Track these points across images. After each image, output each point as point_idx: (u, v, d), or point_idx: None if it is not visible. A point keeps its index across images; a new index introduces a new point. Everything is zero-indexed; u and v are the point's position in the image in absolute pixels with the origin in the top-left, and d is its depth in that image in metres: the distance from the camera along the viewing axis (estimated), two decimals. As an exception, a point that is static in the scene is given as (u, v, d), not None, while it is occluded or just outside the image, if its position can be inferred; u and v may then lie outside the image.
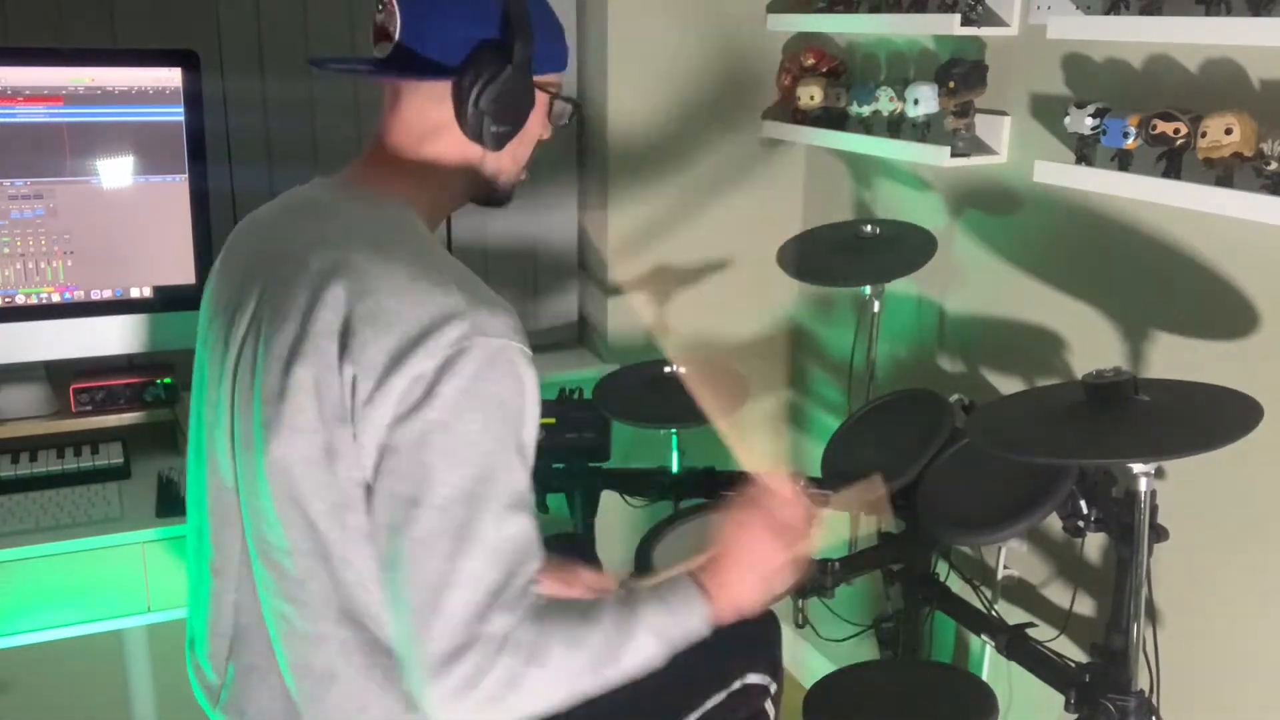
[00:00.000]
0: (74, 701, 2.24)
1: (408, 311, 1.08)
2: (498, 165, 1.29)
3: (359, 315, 1.09)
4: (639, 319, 2.55)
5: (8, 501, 1.79)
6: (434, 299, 1.09)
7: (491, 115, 1.21)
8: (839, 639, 2.29)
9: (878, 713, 1.82)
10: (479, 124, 1.21)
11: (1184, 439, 1.37)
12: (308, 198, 1.28)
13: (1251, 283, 1.65)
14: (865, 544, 2.03)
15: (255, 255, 1.26)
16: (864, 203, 2.45)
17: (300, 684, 1.19)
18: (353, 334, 1.09)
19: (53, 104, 1.82)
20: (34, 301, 1.88)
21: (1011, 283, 2.06)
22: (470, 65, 1.19)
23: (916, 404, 2.02)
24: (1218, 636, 1.77)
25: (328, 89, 2.26)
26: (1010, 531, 1.64)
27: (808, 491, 1.29)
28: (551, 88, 1.29)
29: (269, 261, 1.22)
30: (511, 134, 1.25)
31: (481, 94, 1.19)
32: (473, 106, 1.20)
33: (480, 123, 1.21)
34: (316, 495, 1.12)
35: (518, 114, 1.24)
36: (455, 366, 1.06)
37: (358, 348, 1.08)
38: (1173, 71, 1.70)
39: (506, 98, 1.21)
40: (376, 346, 1.07)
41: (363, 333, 1.08)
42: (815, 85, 2.31)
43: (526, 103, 1.25)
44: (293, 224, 1.25)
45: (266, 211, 1.33)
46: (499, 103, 1.21)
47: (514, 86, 1.21)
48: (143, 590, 1.78)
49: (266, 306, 1.18)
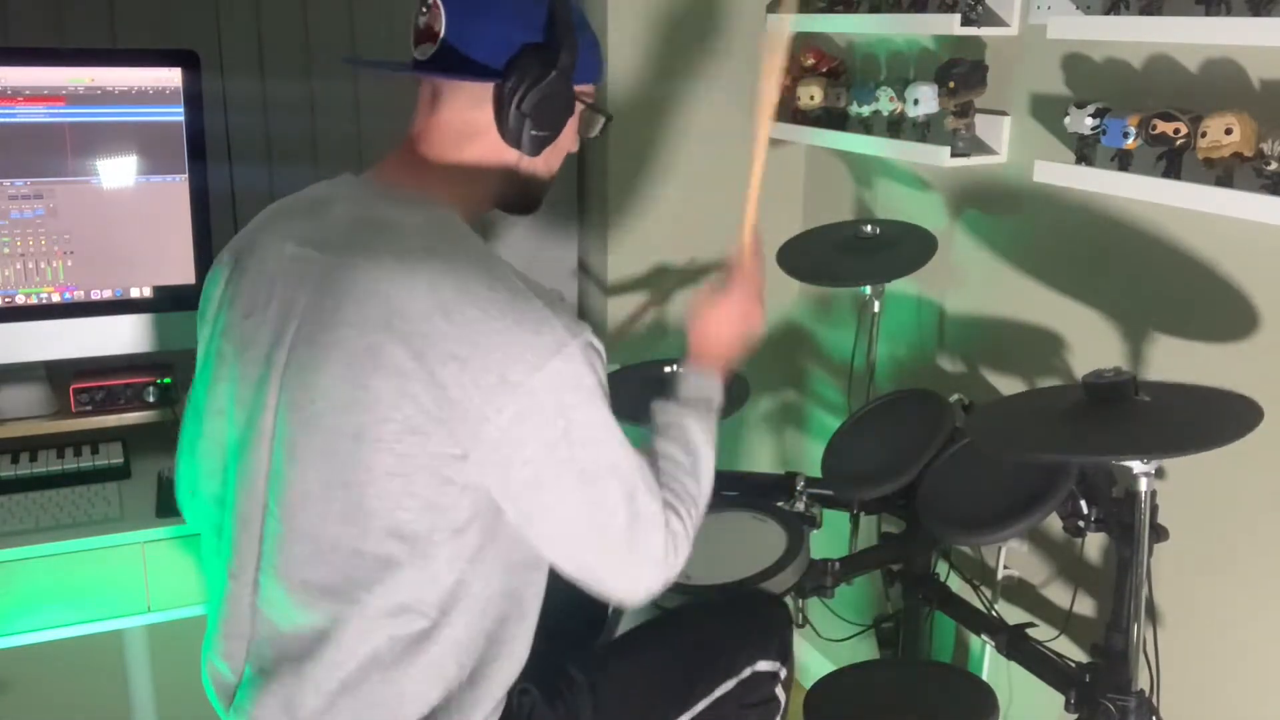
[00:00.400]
0: (74, 701, 2.23)
1: (496, 321, 1.11)
2: (532, 170, 1.30)
3: (443, 328, 1.11)
4: (639, 319, 2.55)
5: (8, 501, 1.80)
6: (518, 306, 1.13)
7: (533, 119, 1.22)
8: (839, 639, 2.29)
9: (878, 713, 1.82)
10: (519, 128, 1.22)
11: (1184, 439, 1.37)
12: (350, 199, 1.27)
13: (1251, 283, 1.65)
14: (865, 544, 2.04)
15: (298, 257, 1.23)
16: (864, 203, 2.45)
17: (330, 681, 1.19)
18: (434, 345, 1.11)
19: (53, 104, 1.82)
20: (34, 301, 1.88)
21: (1011, 283, 2.06)
22: (514, 68, 1.20)
23: (916, 404, 2.02)
24: (1218, 636, 1.77)
25: (328, 89, 2.26)
26: (1010, 531, 1.64)
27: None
28: (587, 97, 1.30)
29: (317, 266, 1.20)
30: (550, 140, 1.26)
31: (525, 97, 1.20)
32: (514, 110, 1.21)
33: (521, 127, 1.22)
34: (402, 505, 1.14)
35: (557, 120, 1.25)
36: (556, 368, 1.12)
37: (447, 359, 1.10)
38: (1173, 71, 1.70)
39: (548, 103, 1.22)
40: (475, 360, 1.10)
41: (450, 346, 1.10)
42: (815, 85, 2.31)
43: (566, 109, 1.26)
44: (341, 228, 1.23)
45: (297, 208, 1.32)
46: (540, 107, 1.22)
47: (556, 92, 1.22)
48: (143, 590, 1.79)
49: (321, 314, 1.17)
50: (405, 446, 1.12)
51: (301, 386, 1.17)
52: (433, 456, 1.12)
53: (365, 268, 1.15)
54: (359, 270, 1.16)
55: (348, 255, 1.18)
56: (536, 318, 1.13)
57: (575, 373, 1.14)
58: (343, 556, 1.17)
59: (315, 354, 1.16)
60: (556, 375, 1.13)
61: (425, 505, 1.14)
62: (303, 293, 1.20)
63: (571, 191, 2.57)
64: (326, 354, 1.15)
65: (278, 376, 1.20)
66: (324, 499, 1.17)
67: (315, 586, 1.19)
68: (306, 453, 1.17)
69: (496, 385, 1.10)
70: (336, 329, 1.15)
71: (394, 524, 1.15)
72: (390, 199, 1.24)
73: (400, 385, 1.11)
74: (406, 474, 1.13)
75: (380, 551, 1.16)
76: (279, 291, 1.23)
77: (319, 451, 1.16)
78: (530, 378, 1.11)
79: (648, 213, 2.49)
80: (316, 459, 1.17)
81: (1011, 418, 1.59)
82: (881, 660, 2.13)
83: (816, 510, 1.99)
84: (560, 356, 1.13)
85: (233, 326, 1.28)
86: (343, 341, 1.14)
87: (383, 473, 1.13)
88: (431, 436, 1.12)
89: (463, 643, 1.21)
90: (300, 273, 1.22)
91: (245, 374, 1.25)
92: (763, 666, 1.52)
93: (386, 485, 1.14)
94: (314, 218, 1.27)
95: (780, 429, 2.76)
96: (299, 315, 1.20)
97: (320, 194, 1.31)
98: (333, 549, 1.17)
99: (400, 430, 1.12)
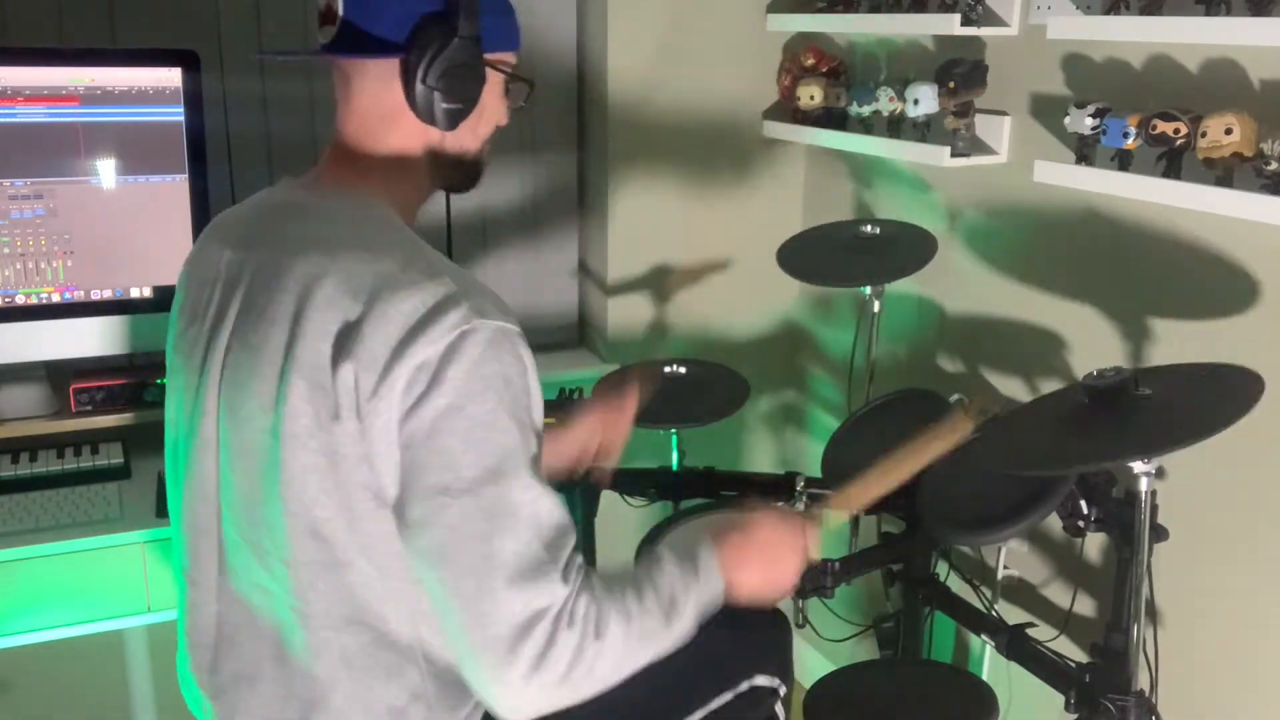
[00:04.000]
0: (74, 701, 2.24)
1: (404, 302, 1.08)
2: (459, 146, 1.27)
3: (353, 314, 1.08)
4: (639, 319, 2.55)
5: (8, 501, 1.79)
6: (429, 288, 1.09)
7: (442, 92, 1.19)
8: (839, 639, 2.29)
9: (878, 713, 1.82)
10: (429, 102, 1.19)
11: (1189, 427, 1.35)
12: (282, 200, 1.27)
13: (1252, 283, 1.65)
14: (865, 544, 2.03)
15: (234, 262, 1.23)
16: (864, 203, 2.45)
17: (300, 690, 1.18)
18: (348, 333, 1.08)
19: (52, 104, 1.82)
20: (34, 301, 1.88)
21: (1012, 282, 2.06)
22: (415, 40, 1.17)
23: (916, 404, 2.02)
24: (1218, 636, 1.77)
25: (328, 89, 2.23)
26: (1010, 531, 1.64)
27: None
28: (504, 66, 1.26)
29: (249, 267, 1.20)
30: (465, 112, 1.22)
31: (429, 70, 1.17)
32: (421, 84, 1.18)
33: (430, 101, 1.19)
34: (319, 503, 1.11)
35: (468, 91, 1.22)
36: (459, 350, 1.06)
37: (356, 344, 1.07)
38: (1173, 71, 1.70)
39: (455, 72, 1.19)
40: (376, 340, 1.07)
41: (359, 329, 1.07)
42: (815, 85, 2.31)
43: (477, 79, 1.22)
44: (272, 228, 1.23)
45: (238, 214, 1.32)
46: (447, 78, 1.18)
47: (462, 61, 1.19)
48: (142, 590, 1.79)
49: (251, 314, 1.16)
50: (318, 442, 1.09)
51: (236, 389, 1.16)
52: (342, 452, 1.09)
53: (287, 264, 1.15)
54: (282, 267, 1.15)
55: (275, 254, 1.17)
56: (445, 297, 1.08)
57: (479, 357, 1.06)
58: (277, 560, 1.15)
59: (246, 355, 1.15)
60: (453, 353, 1.05)
61: (340, 504, 1.11)
62: (236, 295, 1.20)
63: (571, 191, 2.57)
64: (256, 355, 1.14)
65: (215, 381, 1.19)
66: (253, 501, 1.16)
67: (262, 591, 1.18)
68: (244, 455, 1.16)
69: (386, 361, 1.05)
70: (264, 328, 1.14)
71: (312, 523, 1.12)
72: (320, 196, 1.23)
73: (314, 378, 1.09)
74: (320, 470, 1.10)
75: (307, 553, 1.13)
76: (215, 297, 1.23)
77: (247, 453, 1.15)
78: (421, 352, 1.05)
79: (648, 213, 2.49)
80: (246, 461, 1.15)
81: (1018, 432, 1.58)
82: (881, 660, 2.13)
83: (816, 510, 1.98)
84: (469, 340, 1.06)
85: (179, 339, 1.28)
86: (269, 339, 1.13)
87: (299, 470, 1.11)
88: (341, 429, 1.08)
89: (431, 645, 1.19)
90: (234, 276, 1.21)
91: (188, 383, 1.24)
92: (761, 682, 1.49)
93: (304, 482, 1.11)
94: (250, 223, 1.28)
95: (780, 429, 2.76)
96: (232, 318, 1.19)
97: (259, 199, 1.32)
98: (268, 552, 1.16)
99: (312, 425, 1.09)
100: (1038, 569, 2.07)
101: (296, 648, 1.18)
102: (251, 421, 1.14)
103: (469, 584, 1.04)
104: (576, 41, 2.47)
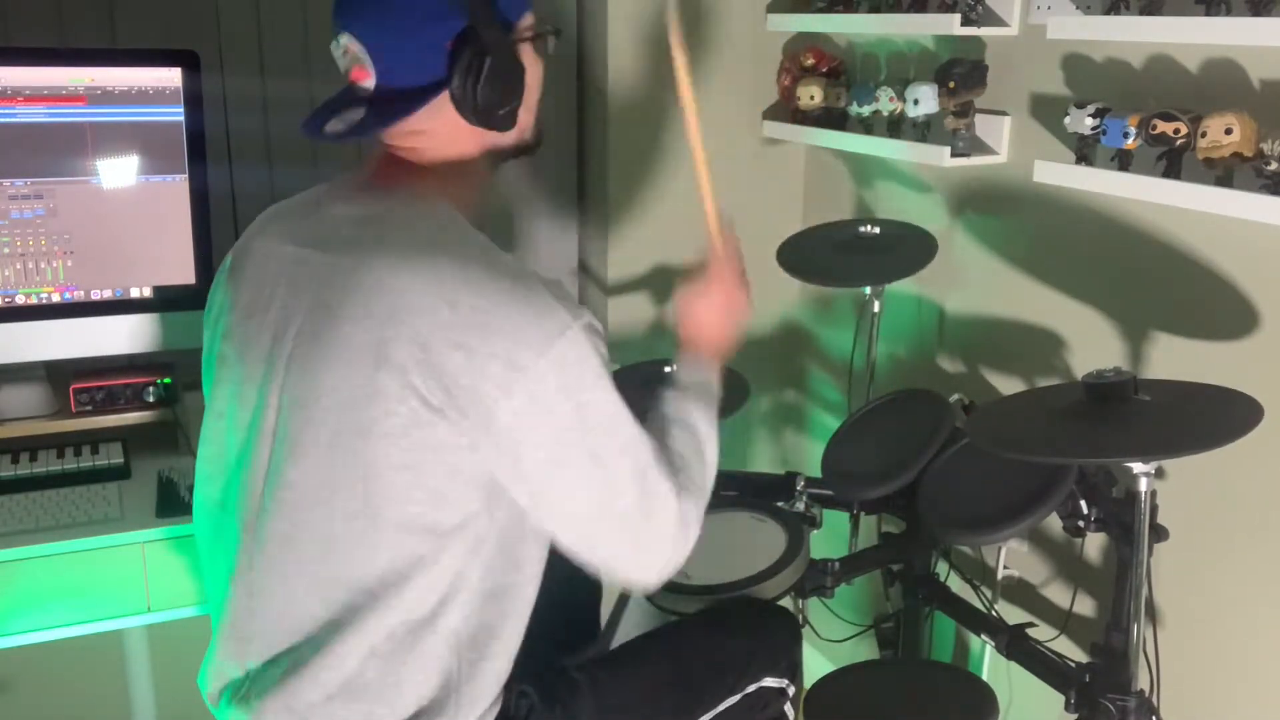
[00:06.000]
0: (74, 701, 2.24)
1: (501, 309, 1.12)
2: (518, 134, 1.30)
3: (444, 317, 1.11)
4: (639, 319, 2.55)
5: (8, 501, 1.79)
6: (522, 294, 1.14)
7: (495, 103, 1.21)
8: (839, 639, 2.29)
9: (878, 713, 1.82)
10: (487, 116, 1.22)
11: (1184, 439, 1.37)
12: (346, 199, 1.27)
13: (1251, 283, 1.65)
14: (865, 544, 2.04)
15: (299, 258, 1.24)
16: (864, 203, 2.45)
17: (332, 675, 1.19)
18: (444, 336, 1.11)
19: (53, 104, 1.82)
20: (34, 301, 1.88)
21: (1011, 283, 2.06)
22: (454, 67, 1.19)
23: (916, 404, 2.02)
24: (1218, 636, 1.77)
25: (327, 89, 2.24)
26: (1010, 531, 1.64)
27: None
28: (528, 33, 1.27)
29: (319, 266, 1.21)
30: (518, 106, 1.25)
31: (476, 89, 1.19)
32: (472, 110, 1.20)
33: (488, 114, 1.22)
34: (407, 496, 1.14)
35: (514, 87, 1.24)
36: (555, 347, 1.13)
37: (452, 348, 1.11)
38: (1173, 71, 1.70)
39: (499, 81, 1.20)
40: (478, 348, 1.11)
41: (454, 334, 1.11)
42: (815, 85, 2.31)
43: (518, 71, 1.24)
44: (339, 226, 1.24)
45: (293, 210, 1.32)
46: (495, 88, 1.20)
47: (501, 66, 1.20)
48: (143, 590, 1.78)
49: (325, 312, 1.17)
50: (412, 440, 1.13)
51: (305, 384, 1.18)
52: (439, 448, 1.13)
53: (368, 264, 1.16)
54: (361, 267, 1.16)
55: (349, 253, 1.19)
56: (539, 303, 1.14)
57: (580, 354, 1.15)
58: (349, 552, 1.17)
59: (319, 351, 1.16)
60: (562, 357, 1.13)
61: (433, 497, 1.15)
62: (305, 292, 1.21)
63: (571, 191, 2.57)
64: (330, 351, 1.15)
65: (280, 375, 1.20)
66: (330, 496, 1.17)
67: (321, 583, 1.19)
68: (311, 450, 1.17)
69: (503, 371, 1.11)
70: (340, 325, 1.15)
71: (403, 518, 1.15)
72: (387, 197, 1.24)
73: (405, 378, 1.11)
74: (413, 467, 1.14)
75: (387, 545, 1.16)
76: (280, 293, 1.23)
77: (325, 448, 1.16)
78: (537, 362, 1.12)
79: (648, 213, 2.49)
80: (322, 456, 1.17)
81: (1011, 418, 1.59)
82: (881, 660, 2.13)
83: (816, 510, 1.99)
84: (564, 339, 1.13)
85: (234, 329, 1.28)
86: (347, 338, 1.14)
87: (389, 467, 1.14)
88: (438, 428, 1.12)
89: (460, 633, 1.21)
90: (301, 273, 1.22)
91: (247, 375, 1.25)
92: (770, 682, 1.50)
93: (394, 479, 1.14)
94: (311, 219, 1.28)
95: (780, 429, 2.76)
96: (301, 314, 1.20)
97: (316, 196, 1.32)
98: (339, 545, 1.17)
99: (406, 424, 1.12)
100: (1038, 569, 2.07)
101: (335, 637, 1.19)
102: (326, 417, 1.16)
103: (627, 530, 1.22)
104: (577, 41, 2.47)
